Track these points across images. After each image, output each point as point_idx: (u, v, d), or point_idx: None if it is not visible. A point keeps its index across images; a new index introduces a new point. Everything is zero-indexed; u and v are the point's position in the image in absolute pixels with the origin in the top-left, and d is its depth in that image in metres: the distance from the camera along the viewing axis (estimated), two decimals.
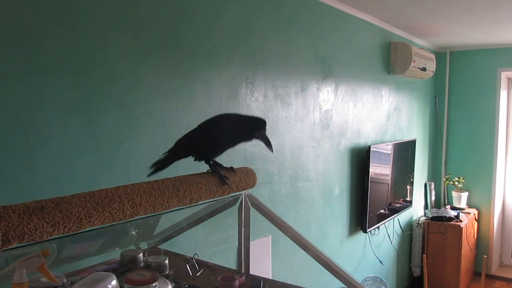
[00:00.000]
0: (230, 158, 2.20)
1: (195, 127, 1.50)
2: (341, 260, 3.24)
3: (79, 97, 1.56)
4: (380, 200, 3.74)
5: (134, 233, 1.54)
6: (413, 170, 4.39)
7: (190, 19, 1.98)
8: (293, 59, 2.67)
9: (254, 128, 1.48)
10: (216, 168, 1.47)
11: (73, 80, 1.54)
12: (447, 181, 5.04)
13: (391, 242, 4.18)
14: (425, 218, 4.73)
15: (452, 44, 4.85)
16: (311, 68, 2.85)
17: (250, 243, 1.69)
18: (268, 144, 1.48)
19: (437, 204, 5.16)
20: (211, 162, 1.49)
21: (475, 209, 4.99)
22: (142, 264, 1.56)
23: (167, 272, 1.53)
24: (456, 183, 4.94)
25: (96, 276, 1.23)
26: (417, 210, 4.81)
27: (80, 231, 1.05)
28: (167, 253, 1.63)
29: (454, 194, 5.00)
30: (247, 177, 1.56)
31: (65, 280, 1.23)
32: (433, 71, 4.38)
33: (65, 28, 1.51)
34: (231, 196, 1.58)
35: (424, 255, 4.45)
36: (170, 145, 1.94)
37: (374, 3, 3.08)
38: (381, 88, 3.82)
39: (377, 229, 3.76)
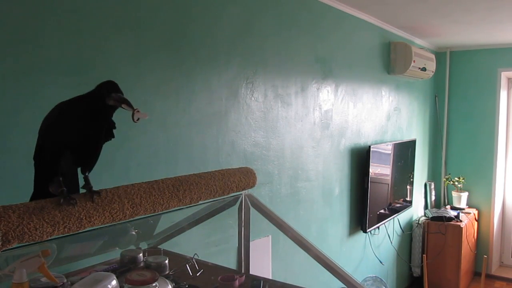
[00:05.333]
0: (230, 158, 2.21)
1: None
2: (341, 260, 3.23)
3: None
4: (380, 200, 3.74)
5: (134, 233, 1.54)
6: (413, 170, 4.39)
7: (190, 19, 1.98)
8: (293, 59, 2.67)
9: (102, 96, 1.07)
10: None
11: (73, 80, 1.54)
12: (447, 181, 5.04)
13: (391, 242, 4.18)
14: (425, 218, 4.73)
15: (452, 44, 4.84)
16: (311, 68, 2.85)
17: (250, 243, 1.69)
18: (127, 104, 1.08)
19: (437, 204, 5.16)
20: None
21: (475, 209, 4.99)
22: (142, 264, 1.56)
23: (167, 272, 1.53)
24: (456, 183, 4.94)
25: (96, 276, 1.23)
26: (417, 210, 4.80)
27: (80, 231, 1.05)
28: (167, 253, 1.63)
29: (454, 194, 5.00)
30: (247, 177, 1.55)
31: (65, 280, 1.23)
32: (433, 71, 4.37)
33: (65, 28, 1.51)
34: (231, 196, 1.57)
35: (424, 255, 4.45)
36: (170, 144, 1.94)
37: (374, 3, 3.08)
38: (381, 88, 3.82)
39: (377, 229, 3.76)
